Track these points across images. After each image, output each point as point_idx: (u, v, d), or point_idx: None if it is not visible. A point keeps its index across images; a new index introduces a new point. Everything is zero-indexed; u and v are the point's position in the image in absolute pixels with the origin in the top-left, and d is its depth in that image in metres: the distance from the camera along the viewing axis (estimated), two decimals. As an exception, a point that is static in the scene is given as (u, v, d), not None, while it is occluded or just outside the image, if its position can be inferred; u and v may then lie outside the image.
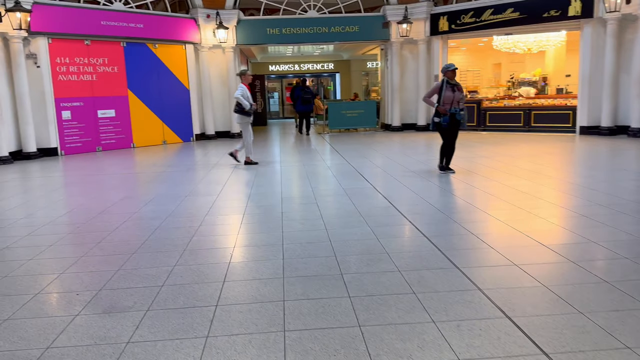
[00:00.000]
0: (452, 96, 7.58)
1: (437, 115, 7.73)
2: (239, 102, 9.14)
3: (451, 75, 7.64)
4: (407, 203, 5.97)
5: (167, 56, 14.26)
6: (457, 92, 7.62)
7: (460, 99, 7.66)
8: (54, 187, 7.97)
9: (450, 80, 7.63)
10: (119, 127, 13.44)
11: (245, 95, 9.16)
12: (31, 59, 11.58)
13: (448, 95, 7.57)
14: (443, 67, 7.80)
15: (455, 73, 7.69)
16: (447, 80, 7.62)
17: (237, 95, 9.16)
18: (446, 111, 7.58)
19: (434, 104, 7.72)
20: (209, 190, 7.28)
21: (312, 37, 15.48)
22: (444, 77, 7.67)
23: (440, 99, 7.61)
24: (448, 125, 7.64)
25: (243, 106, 9.13)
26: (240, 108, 9.19)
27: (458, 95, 7.63)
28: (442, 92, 7.58)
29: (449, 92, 7.58)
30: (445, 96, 7.57)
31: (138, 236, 4.94)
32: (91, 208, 6.34)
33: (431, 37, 15.24)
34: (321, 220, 5.26)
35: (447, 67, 7.69)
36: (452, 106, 7.60)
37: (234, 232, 5.01)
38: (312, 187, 7.17)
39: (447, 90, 7.58)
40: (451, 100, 7.58)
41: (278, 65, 26.28)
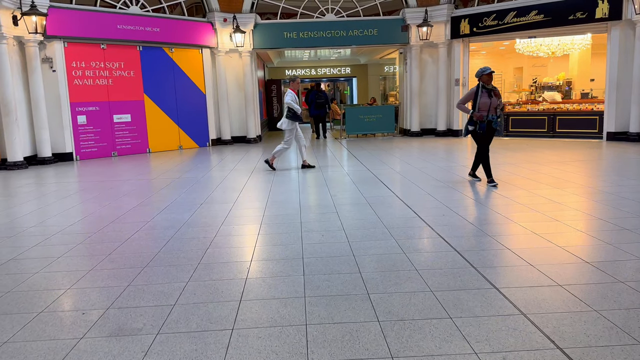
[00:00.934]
0: (489, 102, 7.01)
1: (471, 122, 7.17)
2: (291, 108, 9.12)
3: (487, 80, 7.08)
4: (433, 213, 5.64)
5: (183, 60, 14.12)
6: (493, 97, 7.04)
7: (497, 105, 7.07)
8: (67, 194, 7.80)
9: (486, 84, 7.07)
10: (134, 132, 13.31)
11: (295, 100, 9.20)
12: (47, 63, 11.50)
13: (484, 101, 7.02)
14: (478, 70, 7.19)
15: (492, 77, 7.11)
16: (483, 85, 7.07)
17: (288, 101, 9.15)
18: (482, 118, 7.04)
19: (469, 110, 7.20)
20: (224, 197, 7.03)
21: (330, 41, 15.23)
22: (480, 81, 7.12)
23: (476, 105, 7.07)
24: (484, 134, 7.15)
25: (295, 111, 9.11)
26: (293, 113, 9.15)
27: (495, 101, 7.04)
28: (478, 97, 7.04)
29: (485, 97, 7.02)
30: (481, 102, 7.03)
31: (150, 247, 4.69)
32: (103, 216, 6.12)
33: (452, 41, 14.88)
34: (342, 232, 4.95)
35: (482, 70, 7.11)
36: (489, 113, 7.04)
37: (251, 243, 4.73)
38: (332, 195, 6.87)
39: (483, 95, 7.03)
40: (487, 106, 7.02)
41: (294, 69, 26.08)
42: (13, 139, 10.70)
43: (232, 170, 9.69)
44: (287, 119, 9.24)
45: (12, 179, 9.53)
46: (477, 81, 7.21)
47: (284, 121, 9.30)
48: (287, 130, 9.35)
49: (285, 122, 9.30)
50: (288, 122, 9.26)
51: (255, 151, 13.23)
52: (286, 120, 9.27)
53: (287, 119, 9.24)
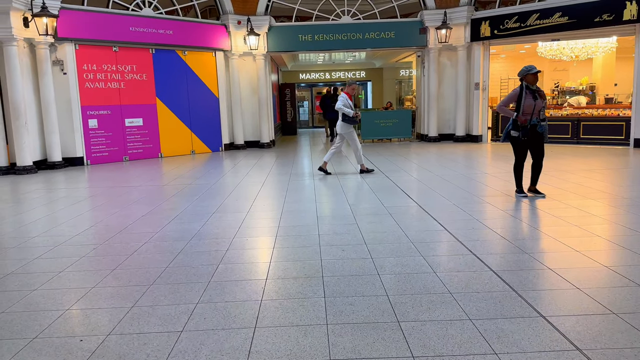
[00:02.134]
0: (534, 104, 6.31)
1: (514, 127, 6.49)
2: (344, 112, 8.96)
3: (532, 80, 6.37)
4: (462, 226, 5.24)
5: (196, 63, 13.88)
6: (539, 99, 6.36)
7: (542, 107, 6.41)
8: (74, 200, 7.52)
9: (531, 85, 6.38)
10: (146, 137, 13.07)
11: (347, 104, 8.99)
12: (58, 65, 11.31)
13: (529, 103, 6.30)
14: (522, 69, 6.46)
15: (537, 77, 6.41)
16: (527, 86, 6.37)
17: (340, 106, 8.95)
18: (526, 122, 6.36)
19: (512, 113, 6.48)
20: (237, 206, 6.70)
21: (346, 44, 14.88)
22: (523, 81, 6.43)
23: (520, 107, 6.35)
24: (528, 140, 6.51)
25: (347, 114, 8.91)
26: (347, 116, 8.96)
27: (540, 104, 6.36)
28: (522, 99, 6.33)
29: (530, 99, 6.31)
30: (526, 105, 6.30)
31: (158, 262, 4.36)
32: (111, 225, 5.82)
33: (472, 43, 14.45)
34: (364, 247, 4.58)
35: (527, 69, 6.38)
36: (533, 116, 6.35)
37: (266, 258, 4.38)
38: (350, 205, 6.50)
39: (528, 97, 6.32)
40: (532, 109, 6.31)
41: (308, 73, 25.81)
42: (22, 142, 10.50)
43: (245, 177, 9.37)
44: (342, 122, 9.05)
45: (21, 184, 9.30)
46: (520, 81, 6.51)
47: (339, 125, 9.14)
48: (347, 134, 9.12)
49: (340, 126, 9.13)
50: (343, 125, 9.08)
51: (268, 156, 12.91)
52: (341, 124, 9.10)
53: (343, 122, 9.04)
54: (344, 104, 8.96)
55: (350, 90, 9.21)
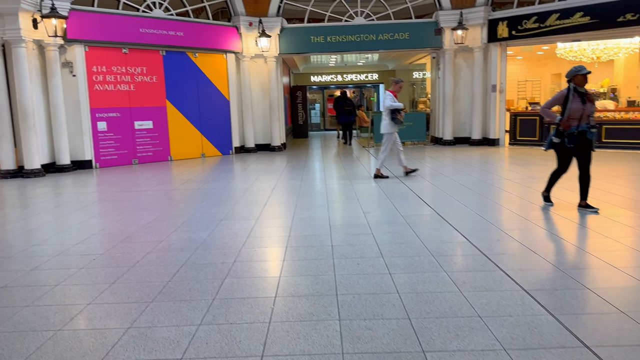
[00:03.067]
0: (582, 109, 5.69)
1: (557, 133, 5.88)
2: (392, 110, 8.55)
3: (581, 81, 5.77)
4: (485, 237, 4.89)
5: (207, 65, 13.65)
6: (587, 103, 5.73)
7: (591, 112, 5.78)
8: (79, 206, 7.29)
9: (580, 87, 5.77)
10: (156, 140, 12.86)
11: (395, 102, 8.64)
12: (67, 67, 11.13)
13: (576, 107, 5.67)
14: (571, 69, 5.83)
15: (587, 79, 5.80)
16: (575, 88, 5.75)
17: (389, 103, 8.54)
18: (570, 128, 5.73)
19: (555, 117, 5.85)
20: (246, 212, 6.40)
21: (359, 45, 14.57)
22: (571, 83, 5.80)
23: (565, 111, 5.73)
24: (574, 147, 5.85)
25: (399, 107, 8.54)
26: (396, 115, 8.56)
27: (589, 108, 5.74)
28: (569, 102, 5.71)
29: (578, 103, 5.68)
30: (573, 109, 5.68)
31: (160, 275, 4.07)
32: (114, 233, 5.56)
33: (488, 44, 14.05)
34: (381, 260, 4.25)
35: (576, 69, 5.76)
36: (581, 121, 5.72)
37: (275, 272, 4.07)
38: (364, 212, 6.17)
39: (575, 100, 5.69)
40: (580, 114, 5.68)
41: (320, 75, 25.53)
42: (30, 145, 10.32)
43: (255, 181, 9.08)
44: (391, 121, 8.62)
45: (27, 188, 9.11)
46: (567, 83, 5.88)
47: (385, 124, 8.70)
48: (387, 135, 8.74)
49: (386, 125, 8.70)
50: (390, 124, 8.66)
51: (279, 160, 12.62)
52: (388, 123, 8.66)
53: (391, 121, 8.62)
54: (394, 100, 8.57)
55: (397, 89, 8.81)
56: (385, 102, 8.68)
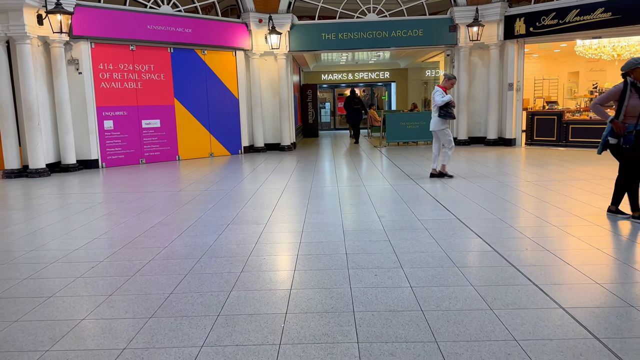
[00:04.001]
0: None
1: (613, 133, 5.29)
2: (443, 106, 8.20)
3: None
4: (512, 246, 4.53)
5: (216, 63, 13.37)
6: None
7: None
8: (82, 207, 7.02)
9: (638, 82, 5.20)
10: (163, 139, 12.61)
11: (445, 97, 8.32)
12: (73, 64, 10.90)
13: (634, 103, 5.13)
14: (629, 62, 5.26)
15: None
16: (633, 82, 5.20)
17: (439, 99, 8.17)
18: (624, 129, 5.17)
19: (608, 116, 5.33)
20: (255, 216, 6.09)
21: (371, 43, 14.21)
22: (629, 77, 5.24)
23: (622, 109, 5.18)
24: (633, 148, 5.18)
25: (448, 101, 8.18)
26: (446, 111, 8.21)
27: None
28: (625, 99, 5.17)
29: (636, 99, 5.13)
30: (631, 105, 5.14)
31: (162, 286, 3.77)
32: (116, 238, 5.27)
33: (505, 42, 13.63)
34: (401, 271, 3.92)
35: (635, 61, 5.18)
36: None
37: (286, 284, 3.75)
38: (379, 217, 5.84)
39: (633, 97, 5.15)
40: (639, 111, 5.13)
41: (330, 74, 25.19)
42: (35, 144, 10.10)
43: (264, 182, 8.78)
44: (439, 117, 8.27)
45: (31, 188, 8.88)
46: (623, 77, 5.33)
47: (436, 121, 8.35)
48: (440, 132, 8.39)
49: (436, 122, 8.34)
50: (440, 121, 8.31)
51: (289, 160, 12.31)
52: (438, 120, 8.31)
53: (440, 117, 8.26)
54: (442, 95, 8.23)
55: (449, 85, 8.46)
56: (435, 97, 8.28)
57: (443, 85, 8.46)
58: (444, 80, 8.56)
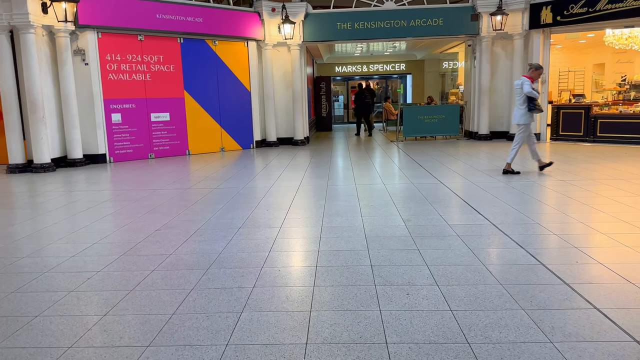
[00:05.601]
0: None
1: None
2: (532, 97, 7.71)
3: None
4: (560, 259, 4.00)
5: (227, 54, 12.89)
6: None
7: None
8: (85, 206, 6.60)
9: None
10: (173, 132, 12.18)
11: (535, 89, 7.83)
12: (79, 55, 10.48)
13: None
14: None
15: None
16: None
17: (529, 90, 7.64)
18: None
19: None
20: (268, 218, 5.61)
21: (389, 32, 13.61)
22: None
23: None
24: None
25: (534, 97, 7.73)
26: (534, 104, 7.75)
27: None
28: None
29: None
30: None
31: (163, 304, 3.30)
32: (117, 243, 4.83)
33: (530, 31, 12.95)
34: (436, 289, 3.41)
35: None
36: None
37: (305, 304, 3.26)
38: (404, 220, 5.33)
39: None
40: None
41: (344, 66, 24.59)
42: (40, 138, 9.72)
43: (277, 179, 8.30)
44: (529, 111, 7.80)
45: (34, 184, 8.49)
46: None
47: (522, 114, 7.86)
48: (522, 126, 7.92)
49: (522, 115, 7.87)
50: (527, 114, 7.83)
51: (302, 155, 11.82)
52: (525, 113, 7.83)
53: (529, 111, 7.79)
54: (532, 87, 7.69)
55: (536, 75, 7.92)
56: (525, 88, 7.71)
57: (529, 75, 7.90)
58: (529, 70, 7.97)
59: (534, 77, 7.89)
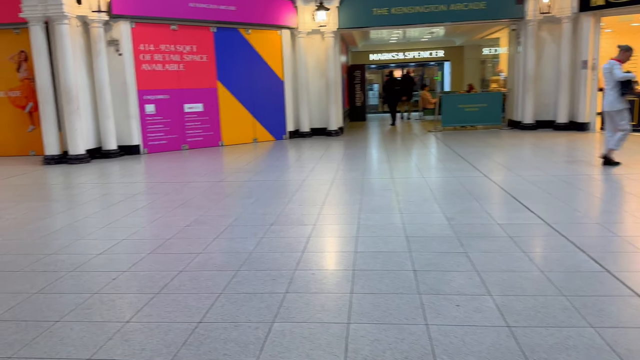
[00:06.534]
0: None
1: None
2: (625, 80, 7.21)
3: None
4: (629, 265, 3.56)
5: (260, 43, 12.62)
6: None
7: None
8: (116, 200, 6.48)
9: None
10: (206, 123, 12.03)
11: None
12: (113, 45, 10.40)
13: None
14: None
15: None
16: None
17: (621, 74, 7.16)
18: None
19: None
20: (301, 214, 5.33)
21: (427, 17, 13.04)
22: None
23: None
24: None
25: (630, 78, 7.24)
26: (628, 88, 7.27)
27: None
28: None
29: None
30: None
31: (189, 311, 3.06)
32: (146, 239, 4.65)
33: (579, 14, 12.16)
34: (490, 300, 3.05)
35: None
36: None
37: (342, 314, 2.95)
38: (447, 218, 4.94)
39: None
40: None
41: (379, 53, 24.01)
42: (74, 129, 9.71)
43: (311, 172, 8.00)
44: (621, 96, 7.29)
45: (69, 176, 8.48)
46: None
47: (613, 99, 7.35)
48: (618, 113, 7.41)
49: (614, 101, 7.35)
50: (618, 99, 7.32)
51: (336, 146, 11.49)
52: (617, 98, 7.32)
53: (622, 96, 7.29)
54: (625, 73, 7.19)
55: (626, 58, 7.43)
56: (615, 72, 7.19)
57: (619, 58, 7.40)
58: (620, 53, 7.44)
59: (623, 60, 7.34)
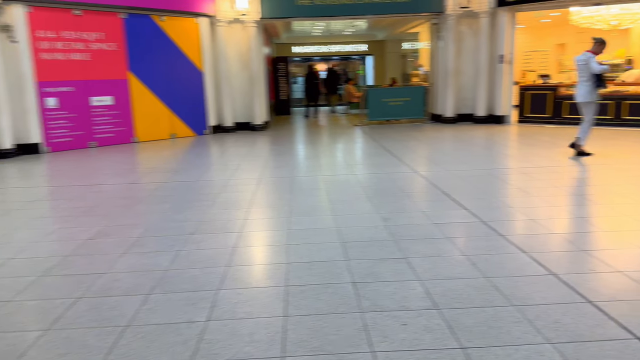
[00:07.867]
0: None
1: None
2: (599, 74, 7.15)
3: None
4: (571, 266, 3.42)
5: (176, 31, 11.77)
6: None
7: None
8: (6, 208, 5.60)
9: None
10: (117, 118, 11.03)
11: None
12: (5, 32, 9.18)
13: None
14: None
15: None
16: None
17: (598, 67, 7.10)
18: None
19: None
20: (225, 220, 4.81)
21: (351, 9, 12.81)
22: None
23: None
24: None
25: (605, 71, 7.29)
26: (602, 80, 7.25)
27: None
28: None
29: None
30: None
31: (86, 354, 2.49)
32: (38, 257, 3.92)
33: (497, 9, 12.46)
34: (437, 315, 2.75)
35: None
36: None
37: (274, 347, 2.52)
38: (383, 219, 4.65)
39: None
40: None
41: (303, 46, 23.64)
42: (-42, 127, 8.46)
43: (236, 170, 7.46)
44: (596, 88, 7.25)
45: (-50, 181, 7.33)
46: None
47: (587, 91, 7.33)
48: (589, 105, 7.36)
49: (587, 92, 7.31)
50: (592, 91, 7.29)
51: (262, 141, 10.99)
52: (592, 90, 7.27)
53: (597, 88, 7.26)
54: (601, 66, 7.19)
55: (600, 50, 7.42)
56: (592, 65, 7.16)
57: (593, 50, 7.42)
58: (595, 45, 7.45)
59: (598, 52, 7.43)
